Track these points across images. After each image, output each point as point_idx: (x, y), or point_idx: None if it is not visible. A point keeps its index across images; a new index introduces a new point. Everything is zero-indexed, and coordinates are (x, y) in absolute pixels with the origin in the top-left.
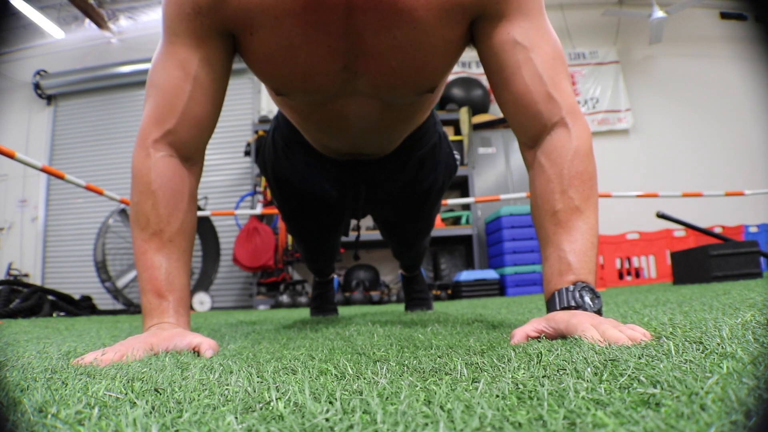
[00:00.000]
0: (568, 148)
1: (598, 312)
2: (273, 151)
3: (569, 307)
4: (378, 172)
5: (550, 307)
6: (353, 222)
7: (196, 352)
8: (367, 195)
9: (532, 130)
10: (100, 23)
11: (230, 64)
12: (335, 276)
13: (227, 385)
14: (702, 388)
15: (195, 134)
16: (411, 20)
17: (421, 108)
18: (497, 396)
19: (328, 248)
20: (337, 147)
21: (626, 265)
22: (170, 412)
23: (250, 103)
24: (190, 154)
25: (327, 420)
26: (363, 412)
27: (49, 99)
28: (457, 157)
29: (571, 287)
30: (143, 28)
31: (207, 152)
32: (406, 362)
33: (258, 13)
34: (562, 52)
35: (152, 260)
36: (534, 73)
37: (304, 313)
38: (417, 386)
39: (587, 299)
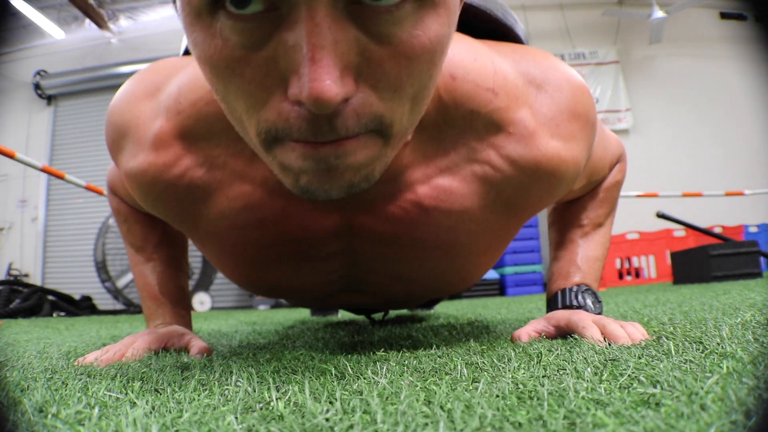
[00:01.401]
0: (609, 180)
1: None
2: None
3: (570, 307)
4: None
5: (551, 305)
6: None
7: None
8: None
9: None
10: (100, 23)
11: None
12: None
13: (227, 385)
14: (702, 388)
15: None
16: (445, 253)
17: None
18: (497, 396)
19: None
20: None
21: (626, 265)
22: (170, 412)
23: None
24: None
25: (327, 420)
26: (363, 412)
27: (49, 99)
28: None
29: (575, 288)
30: (143, 28)
31: None
32: (406, 362)
33: (208, 237)
34: (597, 119)
35: (143, 270)
36: (590, 183)
37: (305, 313)
38: (417, 386)
39: (589, 301)
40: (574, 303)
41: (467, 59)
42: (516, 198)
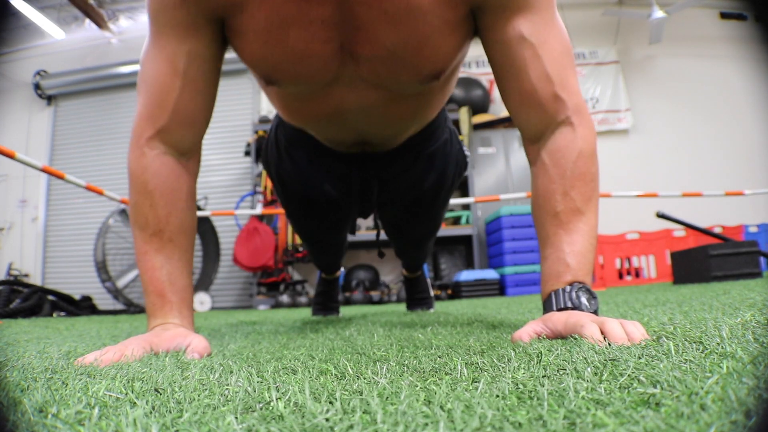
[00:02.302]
0: (572, 149)
1: (595, 313)
2: (276, 149)
3: (566, 308)
4: (387, 168)
5: (547, 307)
6: (372, 221)
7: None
8: (376, 192)
9: (536, 128)
10: (100, 23)
11: (221, 56)
12: (341, 270)
13: (227, 385)
14: (702, 388)
15: (188, 130)
16: (409, 9)
17: (428, 101)
18: (497, 396)
19: (334, 246)
20: (341, 139)
21: (626, 265)
22: (170, 412)
23: (250, 103)
24: (186, 149)
25: (327, 420)
26: (363, 412)
27: (49, 99)
28: (467, 153)
29: (568, 288)
30: (143, 28)
31: (207, 152)
32: (406, 362)
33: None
34: (570, 47)
35: (153, 261)
36: (541, 71)
37: (305, 313)
38: (417, 386)
39: (584, 300)
40: (569, 304)
41: None
42: None
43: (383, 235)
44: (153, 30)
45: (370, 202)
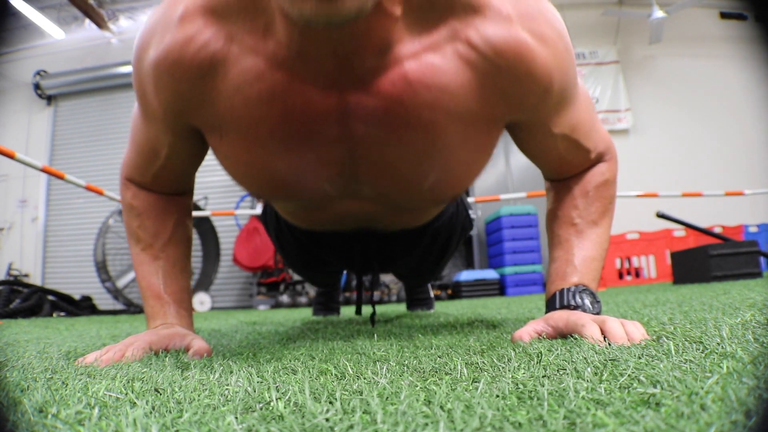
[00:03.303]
0: (599, 176)
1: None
2: (275, 219)
3: (568, 307)
4: (389, 246)
5: (550, 306)
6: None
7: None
8: (377, 263)
9: (564, 177)
10: (100, 23)
11: (205, 150)
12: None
13: (227, 385)
14: (702, 388)
15: (175, 184)
16: (423, 133)
17: (441, 206)
18: (497, 396)
19: (331, 282)
20: (342, 229)
21: (626, 265)
22: (170, 412)
23: None
24: (174, 192)
25: (327, 420)
26: (363, 412)
27: (49, 99)
28: (473, 217)
29: (573, 288)
30: None
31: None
32: (406, 362)
33: (227, 120)
34: (590, 99)
35: (148, 269)
36: (576, 149)
37: (305, 313)
38: (417, 386)
39: (587, 302)
40: (572, 303)
41: None
42: (489, 80)
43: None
44: (139, 107)
45: (370, 269)
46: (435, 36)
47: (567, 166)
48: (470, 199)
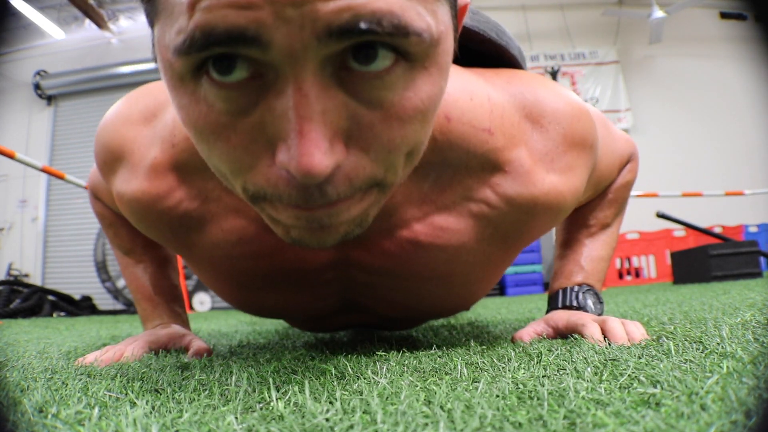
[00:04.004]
0: (619, 179)
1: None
2: None
3: (570, 306)
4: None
5: (552, 303)
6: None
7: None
8: None
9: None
10: (100, 23)
11: None
12: None
13: (227, 385)
14: (702, 388)
15: None
16: (439, 282)
17: None
18: (497, 396)
19: None
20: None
21: (626, 265)
22: (170, 412)
23: None
24: None
25: (327, 420)
26: (363, 412)
27: (49, 99)
28: None
29: (576, 288)
30: (143, 29)
31: None
32: (406, 362)
33: (205, 264)
34: (604, 121)
35: (134, 272)
36: (598, 190)
37: None
38: (417, 386)
39: (590, 302)
40: (574, 303)
41: (462, 99)
42: (513, 232)
43: None
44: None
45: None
46: (447, 197)
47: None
48: None
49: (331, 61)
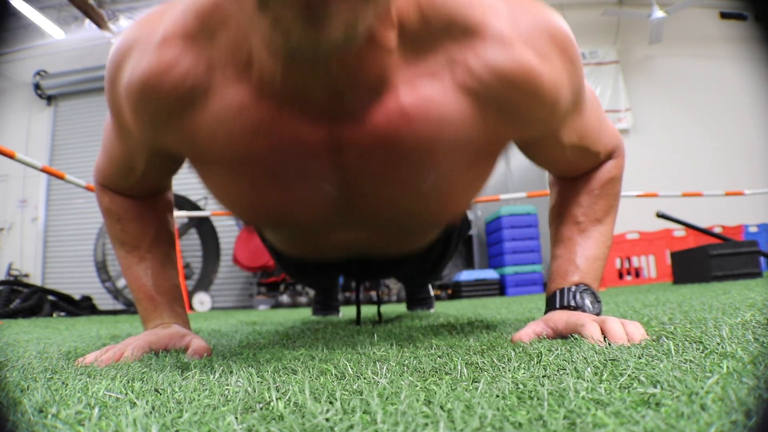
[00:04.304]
0: (605, 172)
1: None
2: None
3: (568, 307)
4: (387, 259)
5: (550, 304)
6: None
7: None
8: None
9: (572, 177)
10: (100, 23)
11: (181, 163)
12: None
13: (227, 385)
14: (702, 388)
15: (153, 190)
16: (424, 167)
17: (440, 229)
18: (497, 396)
19: (331, 285)
20: (335, 258)
21: (626, 265)
22: (170, 412)
23: None
24: (153, 194)
25: (327, 420)
26: (363, 412)
27: (49, 99)
28: (471, 218)
29: (574, 288)
30: None
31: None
32: (406, 362)
33: (208, 152)
34: (598, 99)
35: (137, 271)
36: (585, 153)
37: (305, 313)
38: (417, 386)
39: (587, 302)
40: (572, 303)
41: None
42: (492, 108)
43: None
44: (113, 123)
45: (368, 277)
46: (432, 62)
47: (576, 170)
48: None
49: None
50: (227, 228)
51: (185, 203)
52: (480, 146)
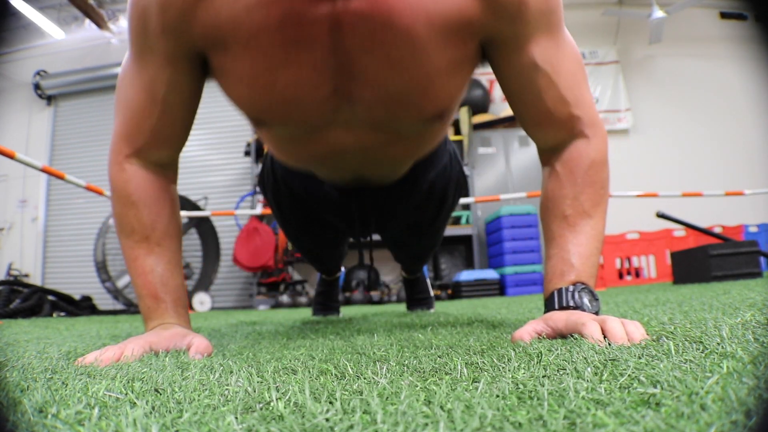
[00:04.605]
0: (585, 158)
1: (596, 314)
2: (272, 178)
3: (567, 307)
4: (386, 198)
5: (549, 306)
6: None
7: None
8: (375, 219)
9: (552, 143)
10: (99, 23)
11: (202, 86)
12: (341, 270)
13: (227, 385)
14: (702, 388)
15: (166, 150)
16: (407, 38)
17: (430, 137)
18: (497, 396)
19: (333, 256)
20: (337, 176)
21: (626, 265)
22: (170, 412)
23: None
24: (164, 164)
25: (327, 420)
26: (363, 412)
27: (49, 99)
28: (467, 174)
29: (571, 287)
30: None
31: (207, 152)
32: (406, 362)
33: (230, 30)
34: (581, 60)
35: (143, 265)
36: (557, 95)
37: (305, 313)
38: (417, 386)
39: (586, 300)
40: (571, 303)
41: None
42: None
43: (378, 236)
44: (133, 52)
45: (369, 227)
46: None
47: (547, 119)
48: (470, 199)
49: None
50: (227, 228)
51: (185, 203)
52: (453, 23)
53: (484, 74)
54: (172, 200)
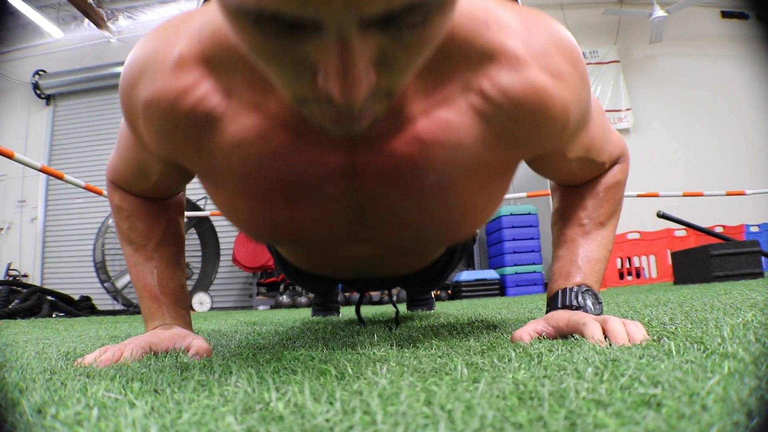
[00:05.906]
0: (611, 177)
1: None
2: (275, 250)
3: (570, 307)
4: (391, 278)
5: (551, 304)
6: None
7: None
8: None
9: (576, 185)
10: (99, 23)
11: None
12: None
13: (227, 385)
14: (703, 389)
15: (163, 195)
16: (439, 191)
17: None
18: (498, 396)
19: (332, 289)
20: (346, 276)
21: (627, 265)
22: (170, 412)
23: None
24: (165, 198)
25: (327, 421)
26: (363, 413)
27: (48, 99)
28: (477, 231)
29: (575, 288)
30: (142, 28)
31: None
32: (406, 362)
33: (223, 173)
34: (601, 107)
35: (143, 270)
36: (586, 163)
37: (304, 313)
38: (417, 386)
39: (589, 302)
40: (574, 303)
41: None
42: (505, 131)
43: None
44: (129, 130)
45: (371, 290)
46: (448, 89)
47: (580, 179)
48: None
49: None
50: (227, 228)
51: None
52: (493, 168)
53: None
54: (170, 213)
